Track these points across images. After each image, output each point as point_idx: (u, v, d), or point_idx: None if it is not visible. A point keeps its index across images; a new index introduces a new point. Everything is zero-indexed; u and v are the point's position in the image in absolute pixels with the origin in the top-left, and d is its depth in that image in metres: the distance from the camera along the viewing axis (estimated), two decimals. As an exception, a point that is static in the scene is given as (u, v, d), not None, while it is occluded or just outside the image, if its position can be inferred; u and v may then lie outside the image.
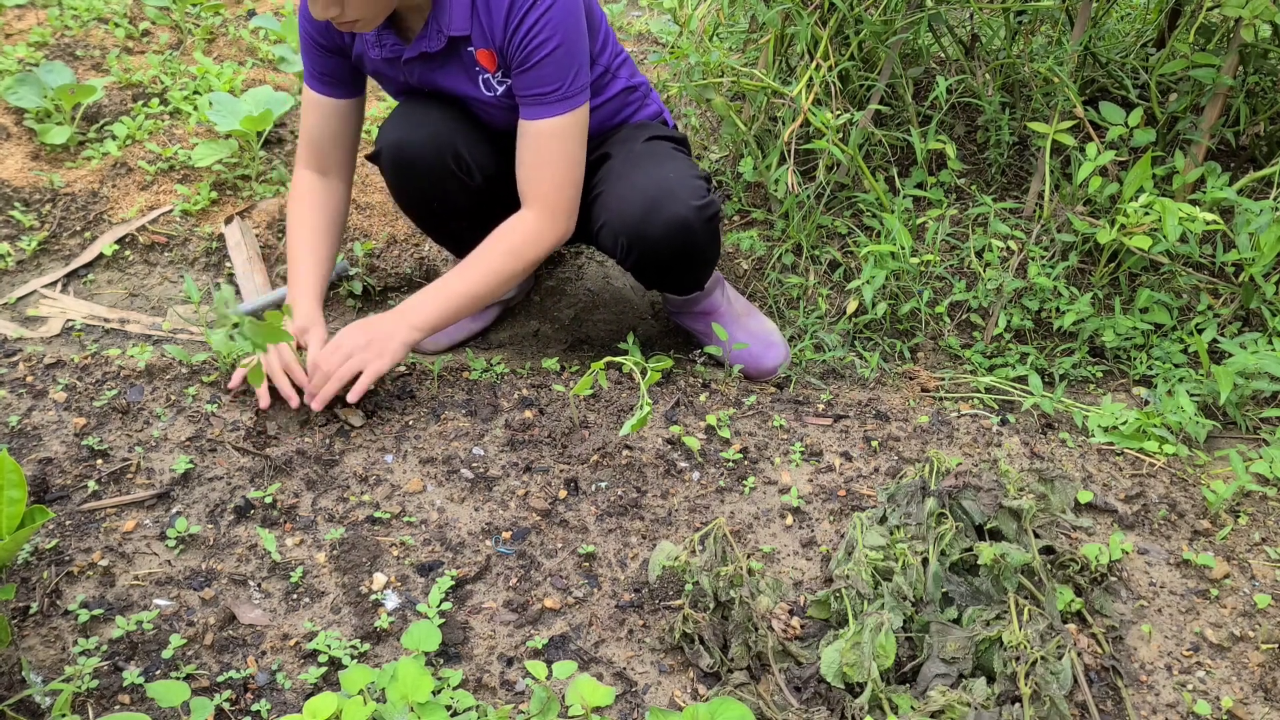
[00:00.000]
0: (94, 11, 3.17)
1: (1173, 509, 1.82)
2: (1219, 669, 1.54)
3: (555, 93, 1.81)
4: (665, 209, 1.87)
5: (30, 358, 2.00)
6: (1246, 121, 2.39)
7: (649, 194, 1.88)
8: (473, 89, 1.91)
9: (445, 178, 1.96)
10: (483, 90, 1.90)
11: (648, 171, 1.91)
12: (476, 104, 1.95)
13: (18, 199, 2.44)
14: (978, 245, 2.32)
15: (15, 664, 1.42)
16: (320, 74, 1.95)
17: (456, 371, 2.05)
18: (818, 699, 1.42)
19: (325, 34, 1.90)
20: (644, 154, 1.96)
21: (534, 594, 1.59)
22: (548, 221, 1.89)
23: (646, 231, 1.89)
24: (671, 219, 1.87)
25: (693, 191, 1.89)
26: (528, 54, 1.78)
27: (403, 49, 1.85)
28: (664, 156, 1.96)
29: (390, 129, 1.95)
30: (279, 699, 1.41)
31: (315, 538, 1.66)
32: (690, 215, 1.88)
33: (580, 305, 2.38)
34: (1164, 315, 2.19)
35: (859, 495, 1.81)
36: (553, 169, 1.86)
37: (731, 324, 2.14)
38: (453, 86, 1.91)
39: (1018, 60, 2.61)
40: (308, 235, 1.99)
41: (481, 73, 1.87)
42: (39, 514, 1.40)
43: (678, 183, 1.88)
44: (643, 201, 1.88)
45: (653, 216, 1.87)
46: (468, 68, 1.87)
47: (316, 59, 1.94)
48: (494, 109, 1.95)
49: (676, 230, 1.88)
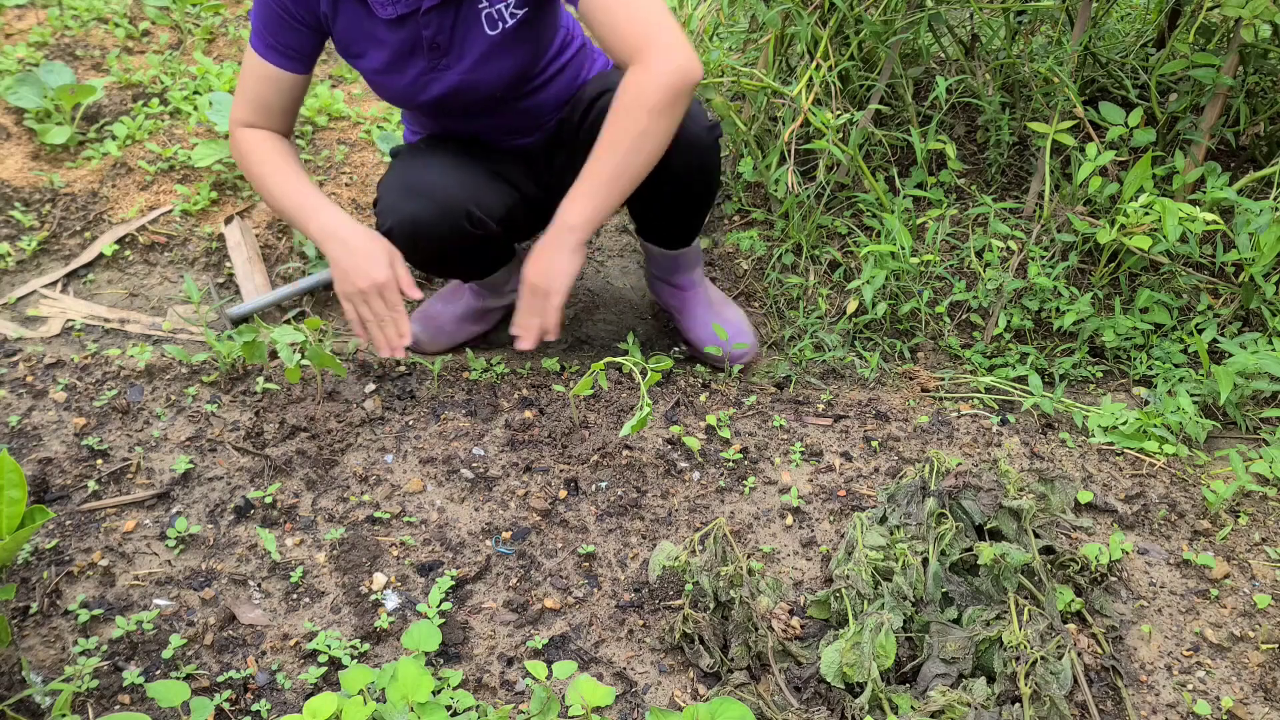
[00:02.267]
0: (94, 11, 3.17)
1: (1173, 509, 1.82)
2: (1219, 669, 1.54)
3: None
4: (684, 129, 1.82)
5: (30, 358, 2.00)
6: (1246, 121, 2.39)
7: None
8: (478, 38, 1.81)
9: (462, 239, 1.92)
10: (486, 30, 1.81)
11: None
12: (479, 73, 1.85)
13: (18, 199, 2.44)
14: (978, 245, 2.32)
15: (15, 664, 1.42)
16: (281, 46, 1.83)
17: (456, 371, 2.05)
18: (818, 699, 1.42)
19: (300, 4, 1.79)
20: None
21: (534, 594, 1.59)
22: (653, 60, 1.69)
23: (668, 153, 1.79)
24: (690, 138, 1.86)
25: (700, 112, 1.91)
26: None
27: (419, 1, 1.76)
28: None
29: (394, 199, 1.89)
30: (279, 699, 1.41)
31: (315, 538, 1.66)
32: (704, 135, 1.91)
33: (580, 305, 2.38)
34: (1164, 315, 2.19)
35: (859, 495, 1.81)
36: (627, 8, 1.71)
37: (707, 309, 2.18)
38: (460, 37, 1.81)
39: (1018, 60, 2.60)
40: (296, 167, 1.90)
41: (492, 4, 1.79)
42: (39, 514, 1.40)
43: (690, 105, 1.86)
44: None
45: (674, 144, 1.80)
46: (473, 9, 1.79)
47: (280, 31, 1.82)
48: (501, 57, 1.85)
49: (692, 148, 1.89)
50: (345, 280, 1.82)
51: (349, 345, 2.13)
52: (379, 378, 2.01)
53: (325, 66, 3.12)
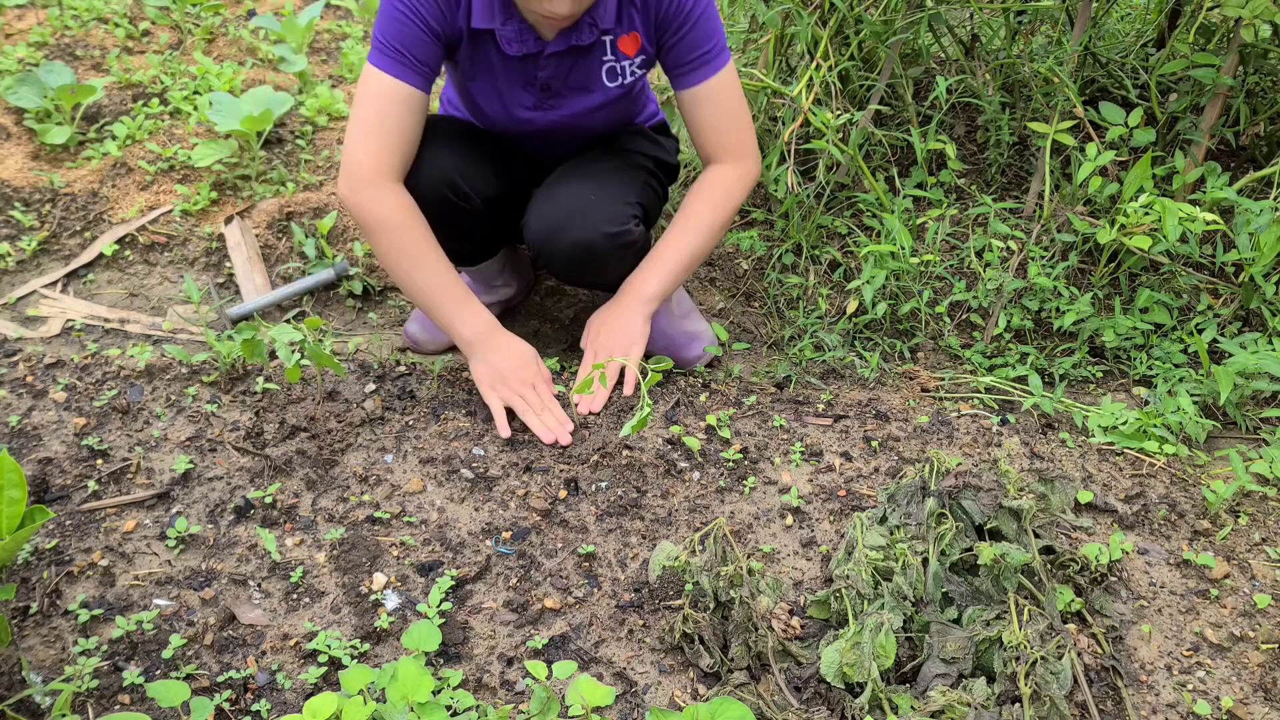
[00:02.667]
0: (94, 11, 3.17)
1: (1173, 509, 1.82)
2: (1219, 669, 1.54)
3: (714, 48, 1.85)
4: (572, 230, 1.88)
5: (30, 358, 2.00)
6: (1246, 121, 2.39)
7: (566, 211, 1.89)
8: (596, 88, 1.88)
9: (445, 208, 1.93)
10: (605, 82, 1.87)
11: (576, 188, 1.91)
12: (589, 118, 1.93)
13: (18, 199, 2.44)
14: (978, 245, 2.32)
15: (15, 664, 1.42)
16: (416, 61, 1.72)
17: (456, 371, 2.05)
18: (818, 699, 1.42)
19: (442, 19, 1.72)
20: (589, 167, 1.97)
21: (534, 594, 1.59)
22: (745, 166, 1.95)
23: (552, 247, 1.90)
24: (576, 241, 1.88)
25: (609, 217, 1.89)
26: (682, 19, 1.80)
27: (544, 45, 1.78)
28: (605, 174, 1.96)
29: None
30: (279, 699, 1.41)
31: (315, 538, 1.66)
32: (597, 239, 1.88)
33: (580, 305, 2.38)
34: (1164, 315, 2.19)
35: (859, 495, 1.81)
36: (732, 118, 1.91)
37: (667, 320, 2.14)
38: (575, 83, 1.86)
39: (1018, 60, 2.61)
40: (444, 256, 1.86)
41: (616, 60, 1.85)
42: (39, 514, 1.40)
43: (597, 206, 1.89)
44: (556, 218, 1.89)
45: (559, 235, 1.89)
46: (597, 60, 1.84)
47: (416, 43, 1.71)
48: (612, 109, 1.93)
49: (579, 251, 1.89)
50: (501, 380, 1.88)
51: (349, 345, 2.13)
52: (379, 378, 2.02)
53: (325, 66, 3.13)
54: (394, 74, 1.72)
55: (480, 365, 1.90)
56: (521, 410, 1.87)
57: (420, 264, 1.82)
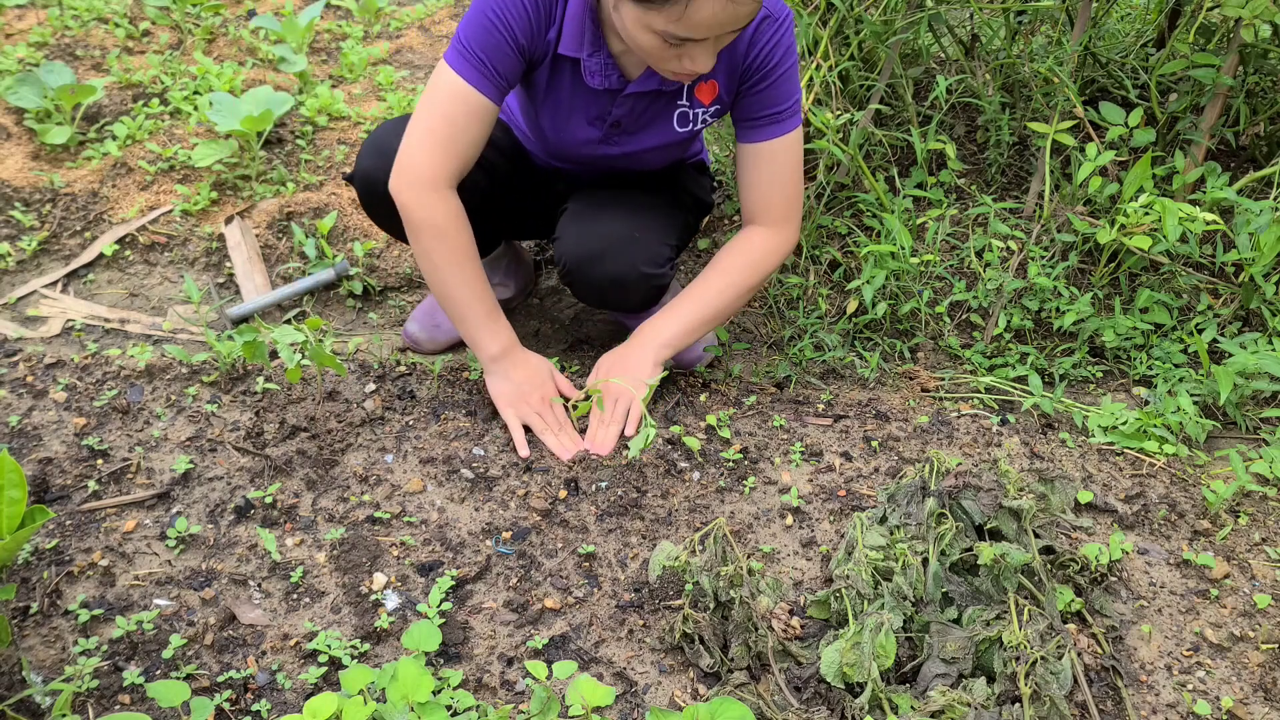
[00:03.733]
0: (94, 11, 3.17)
1: (1173, 509, 1.82)
2: (1219, 669, 1.54)
3: (788, 109, 1.81)
4: (610, 264, 1.86)
5: (30, 358, 2.00)
6: (1246, 121, 2.39)
7: (606, 243, 1.87)
8: (664, 130, 1.85)
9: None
10: (676, 128, 1.85)
11: (619, 220, 1.89)
12: (648, 157, 1.91)
13: (18, 199, 2.44)
14: (978, 245, 2.32)
15: (15, 664, 1.42)
16: (498, 74, 1.69)
17: (457, 371, 2.05)
18: (818, 699, 1.42)
19: (528, 33, 1.69)
20: (634, 199, 1.95)
21: (534, 594, 1.59)
22: (786, 235, 1.92)
23: (585, 276, 1.89)
24: (612, 275, 1.87)
25: (649, 257, 1.88)
26: (767, 72, 1.76)
27: (625, 83, 1.77)
28: (650, 209, 1.94)
29: (367, 155, 1.87)
30: (279, 699, 1.41)
31: (315, 538, 1.66)
32: (633, 277, 1.88)
33: (580, 305, 2.38)
34: (1164, 315, 2.19)
35: (859, 495, 1.81)
36: (784, 185, 1.87)
37: None
38: (646, 124, 1.84)
39: (1018, 60, 2.60)
40: (480, 270, 1.85)
41: (691, 107, 1.82)
42: (39, 514, 1.40)
43: (640, 243, 1.88)
44: (596, 248, 1.87)
45: (596, 266, 1.87)
46: (672, 103, 1.82)
47: (501, 55, 1.68)
48: (674, 149, 1.92)
49: (612, 284, 1.89)
50: (520, 398, 1.88)
51: (349, 345, 2.13)
52: (379, 378, 2.02)
53: (325, 66, 3.13)
54: (471, 81, 1.69)
55: (501, 382, 1.89)
56: (540, 430, 1.87)
57: (456, 273, 1.80)
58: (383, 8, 3.46)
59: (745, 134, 1.85)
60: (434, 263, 1.79)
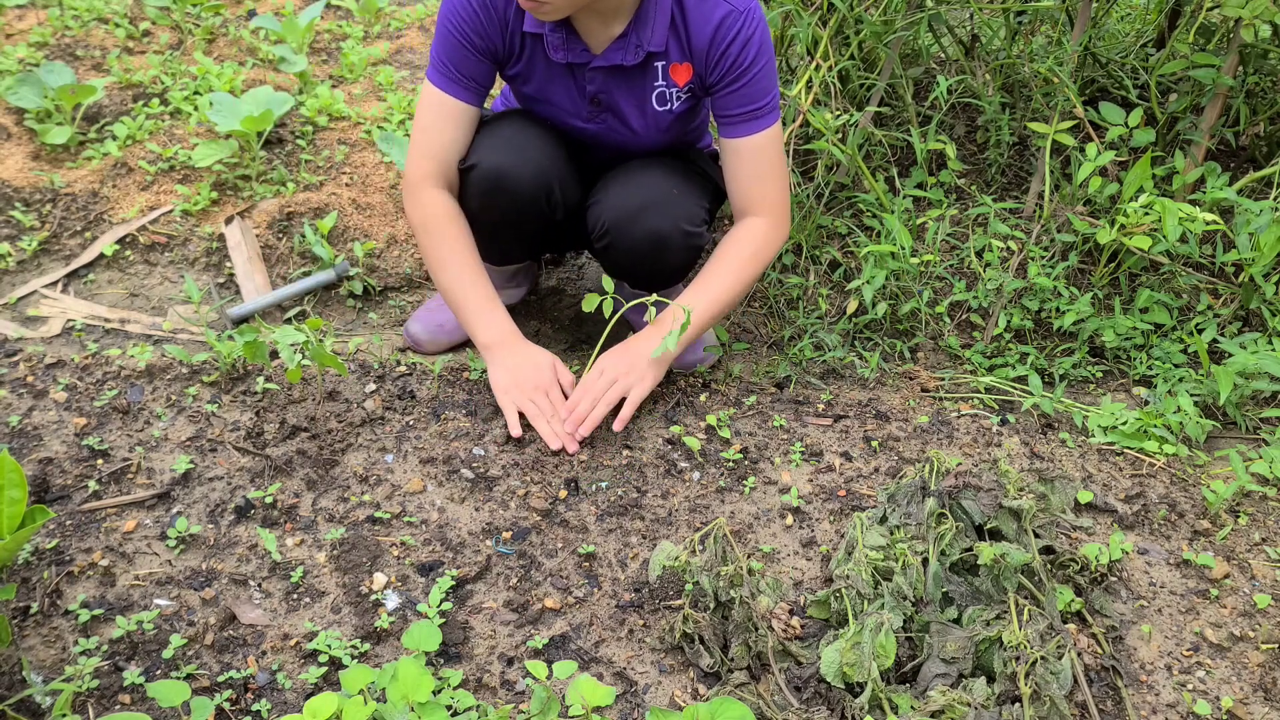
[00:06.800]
0: (94, 11, 3.17)
1: (1173, 509, 1.82)
2: (1219, 669, 1.54)
3: (766, 106, 1.84)
4: (651, 218, 1.89)
5: (30, 358, 2.00)
6: (1246, 121, 2.39)
7: (647, 198, 1.90)
8: (642, 107, 1.89)
9: (534, 211, 1.93)
10: (654, 104, 1.88)
11: (656, 179, 1.93)
12: (643, 137, 1.94)
13: (18, 199, 2.44)
14: (978, 245, 2.32)
15: (15, 664, 1.42)
16: (464, 77, 1.84)
17: (457, 371, 2.05)
18: (818, 699, 1.42)
19: (482, 33, 1.81)
20: (666, 164, 1.98)
21: (534, 594, 1.59)
22: (779, 226, 1.95)
23: (625, 232, 1.91)
24: (652, 230, 1.89)
25: (688, 215, 1.91)
26: (740, 72, 1.80)
27: (590, 56, 1.81)
28: (684, 174, 1.98)
29: (491, 150, 1.89)
30: (279, 699, 1.41)
31: (315, 538, 1.66)
32: (674, 233, 1.90)
33: (579, 306, 2.37)
34: (1164, 315, 2.19)
35: (859, 495, 1.81)
36: (773, 178, 1.91)
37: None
38: (623, 100, 1.88)
39: (1018, 60, 2.61)
40: (472, 260, 1.93)
41: (667, 87, 1.86)
42: (39, 514, 1.40)
43: (679, 201, 1.91)
44: (636, 203, 1.90)
45: (637, 221, 1.89)
46: (648, 82, 1.86)
47: (463, 60, 1.83)
48: (669, 129, 1.94)
49: (651, 241, 1.91)
50: (515, 385, 1.90)
51: (349, 345, 2.13)
52: (379, 378, 2.02)
53: (325, 67, 3.13)
54: (442, 86, 1.86)
55: (498, 370, 1.92)
56: (533, 416, 1.88)
57: (450, 265, 1.92)
58: (383, 8, 3.46)
59: (726, 130, 1.88)
60: (429, 257, 1.93)
